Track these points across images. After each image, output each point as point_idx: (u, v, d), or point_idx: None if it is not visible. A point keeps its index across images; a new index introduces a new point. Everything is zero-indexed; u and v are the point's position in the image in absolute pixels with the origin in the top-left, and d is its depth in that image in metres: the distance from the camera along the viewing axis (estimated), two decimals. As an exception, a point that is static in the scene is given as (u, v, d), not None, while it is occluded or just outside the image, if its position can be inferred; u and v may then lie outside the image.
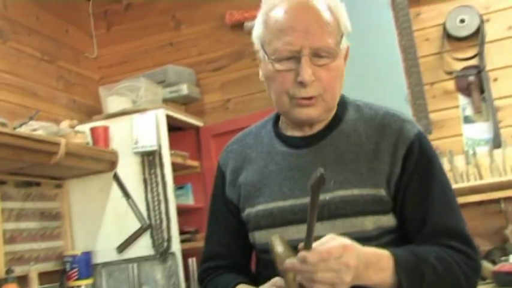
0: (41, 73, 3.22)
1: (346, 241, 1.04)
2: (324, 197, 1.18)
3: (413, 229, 1.21)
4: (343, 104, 1.30)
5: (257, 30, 1.27)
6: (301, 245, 1.02)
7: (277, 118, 1.36)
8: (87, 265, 2.88)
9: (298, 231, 1.18)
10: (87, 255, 2.90)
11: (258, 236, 1.28)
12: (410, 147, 1.21)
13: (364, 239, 1.14)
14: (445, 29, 3.14)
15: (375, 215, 1.19)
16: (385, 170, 1.20)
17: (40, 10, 3.33)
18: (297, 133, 1.29)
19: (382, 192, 1.19)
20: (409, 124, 1.25)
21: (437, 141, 3.06)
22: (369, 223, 1.18)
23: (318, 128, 1.27)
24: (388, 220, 1.21)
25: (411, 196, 1.20)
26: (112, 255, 2.95)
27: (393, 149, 1.21)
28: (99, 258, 2.97)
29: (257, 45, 1.27)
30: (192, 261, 2.94)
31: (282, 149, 1.30)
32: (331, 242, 1.02)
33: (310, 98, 1.20)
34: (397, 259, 1.10)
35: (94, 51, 3.79)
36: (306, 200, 1.17)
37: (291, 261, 1.02)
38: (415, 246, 1.17)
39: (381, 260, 1.09)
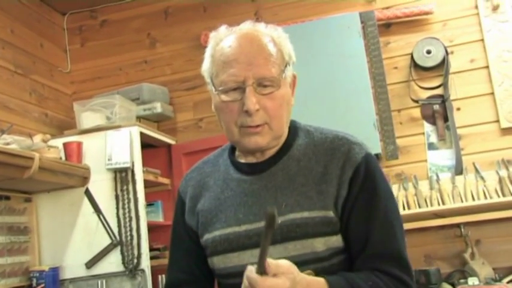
0: (13, 86, 3.21)
1: (285, 284, 1.05)
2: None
3: (355, 250, 1.24)
4: (294, 129, 1.35)
5: (205, 64, 1.32)
6: (250, 268, 1.06)
7: (233, 146, 1.40)
8: (54, 281, 2.85)
9: (253, 256, 1.20)
10: (55, 271, 2.87)
11: (216, 261, 1.31)
12: (356, 170, 1.25)
13: (315, 260, 1.19)
14: (412, 58, 3.26)
15: (325, 236, 1.22)
16: (333, 192, 1.24)
17: (14, 23, 3.33)
18: (250, 160, 1.34)
19: (331, 214, 1.23)
20: (357, 147, 1.28)
21: (403, 166, 3.18)
22: (319, 244, 1.21)
23: (269, 154, 1.32)
24: (337, 241, 1.24)
25: (355, 218, 1.23)
26: (80, 271, 2.93)
27: (340, 172, 1.25)
28: (67, 273, 2.94)
29: (207, 78, 1.32)
30: (162, 278, 2.95)
31: (236, 176, 1.34)
32: (279, 278, 1.05)
33: (257, 126, 1.24)
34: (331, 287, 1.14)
35: (67, 65, 3.79)
36: (260, 224, 1.23)
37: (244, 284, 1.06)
38: (352, 273, 1.20)
39: None
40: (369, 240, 1.22)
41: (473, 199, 2.99)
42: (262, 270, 1.04)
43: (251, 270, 1.05)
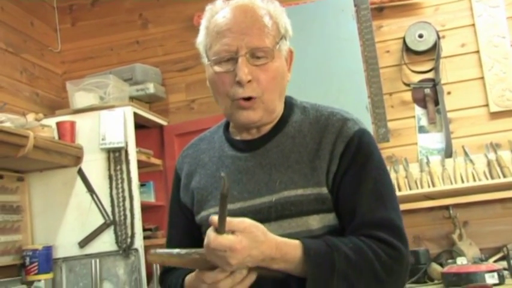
0: (5, 65, 3.18)
1: (241, 242, 1.05)
2: (271, 198, 1.23)
3: (345, 223, 1.22)
4: (289, 106, 1.33)
5: (200, 36, 1.31)
6: (214, 218, 1.06)
7: (228, 123, 1.39)
8: (47, 259, 2.85)
9: None
10: (48, 250, 2.87)
11: None
12: (347, 144, 1.23)
13: (312, 237, 1.17)
14: (404, 42, 3.29)
15: (320, 214, 1.21)
16: (325, 168, 1.22)
17: (5, 1, 3.28)
18: (245, 136, 1.32)
19: (325, 190, 1.21)
20: (350, 122, 1.27)
21: (394, 149, 3.22)
22: (314, 222, 1.20)
23: (264, 130, 1.30)
24: (333, 218, 1.23)
25: (343, 190, 1.21)
26: (73, 250, 2.93)
27: (332, 147, 1.23)
28: (60, 252, 2.95)
29: (201, 51, 1.31)
30: (156, 258, 2.96)
31: (231, 153, 1.33)
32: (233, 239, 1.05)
33: (249, 99, 1.23)
34: (306, 248, 1.12)
35: (58, 45, 3.76)
36: (254, 202, 1.23)
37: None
38: (334, 237, 1.18)
39: (287, 253, 1.12)
40: (357, 211, 1.20)
41: (462, 181, 3.05)
42: (221, 230, 1.05)
43: (211, 228, 1.06)
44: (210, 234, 1.05)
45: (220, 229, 1.05)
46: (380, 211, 1.20)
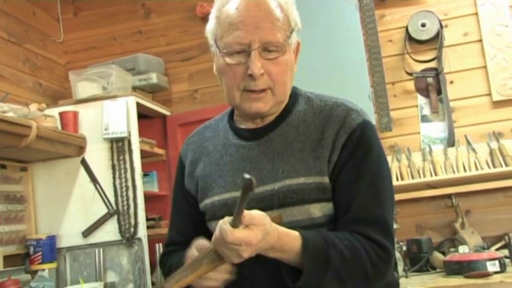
0: (7, 55, 3.18)
1: (257, 236, 1.07)
2: (274, 186, 1.24)
3: (339, 214, 1.24)
4: (294, 96, 1.36)
5: (210, 25, 1.32)
6: (225, 219, 1.08)
7: (232, 111, 1.42)
8: (51, 249, 2.87)
9: None
10: (52, 239, 2.89)
11: (215, 226, 1.30)
12: (350, 135, 1.25)
13: (313, 225, 1.20)
14: (407, 31, 3.29)
15: (321, 203, 1.23)
16: (327, 157, 1.24)
17: (7, -10, 3.29)
18: (249, 125, 1.35)
19: (326, 180, 1.24)
20: (354, 113, 1.29)
21: (396, 138, 3.22)
22: (315, 210, 1.23)
23: (269, 120, 1.33)
24: (334, 207, 1.25)
25: (341, 181, 1.24)
26: (77, 240, 2.95)
27: (335, 137, 1.25)
28: (64, 242, 2.97)
29: (210, 40, 1.32)
30: (159, 247, 2.98)
31: (235, 141, 1.35)
32: (250, 232, 1.06)
33: (260, 91, 1.25)
34: (305, 242, 1.14)
35: (60, 35, 3.76)
36: (258, 190, 1.24)
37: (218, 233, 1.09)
38: (330, 232, 1.21)
39: (286, 244, 1.13)
40: (352, 205, 1.22)
41: (465, 170, 3.04)
42: (236, 224, 1.06)
43: (225, 222, 1.07)
44: (226, 228, 1.06)
45: (235, 223, 1.06)
46: (374, 208, 1.23)
